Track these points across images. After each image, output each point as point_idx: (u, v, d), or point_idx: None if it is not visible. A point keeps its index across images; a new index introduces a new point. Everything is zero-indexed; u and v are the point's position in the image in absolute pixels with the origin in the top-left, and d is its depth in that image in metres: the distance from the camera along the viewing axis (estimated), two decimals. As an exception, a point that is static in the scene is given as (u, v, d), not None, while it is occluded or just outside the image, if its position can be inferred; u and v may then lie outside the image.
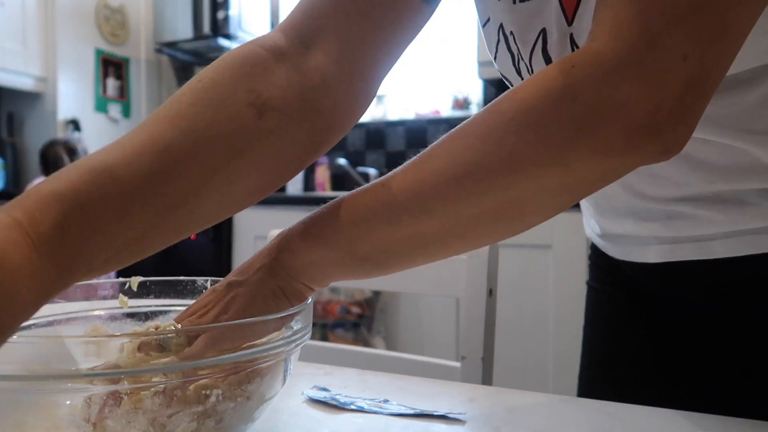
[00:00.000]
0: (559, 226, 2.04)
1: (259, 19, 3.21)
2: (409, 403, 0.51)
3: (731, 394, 0.55)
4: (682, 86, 0.35)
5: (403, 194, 0.40)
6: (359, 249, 0.42)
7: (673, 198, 0.54)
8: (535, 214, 0.40)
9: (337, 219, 0.42)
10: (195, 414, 0.37)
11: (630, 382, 0.65)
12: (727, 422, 0.47)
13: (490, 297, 0.79)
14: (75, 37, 3.14)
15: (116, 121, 3.39)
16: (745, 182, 0.50)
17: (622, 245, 0.62)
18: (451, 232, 0.41)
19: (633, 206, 0.58)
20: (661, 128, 0.35)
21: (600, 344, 0.70)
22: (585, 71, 0.36)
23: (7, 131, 3.08)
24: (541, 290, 2.07)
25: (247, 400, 0.40)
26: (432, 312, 2.27)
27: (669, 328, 0.60)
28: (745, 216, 0.51)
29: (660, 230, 0.56)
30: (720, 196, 0.52)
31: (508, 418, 0.49)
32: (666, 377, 0.61)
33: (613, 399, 0.53)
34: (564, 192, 0.39)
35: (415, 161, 0.41)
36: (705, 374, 0.57)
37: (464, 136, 0.40)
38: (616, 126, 0.35)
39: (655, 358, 0.62)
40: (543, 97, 0.37)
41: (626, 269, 0.63)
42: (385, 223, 0.41)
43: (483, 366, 0.78)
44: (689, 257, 0.55)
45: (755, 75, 0.46)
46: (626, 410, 0.50)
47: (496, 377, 0.81)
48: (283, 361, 0.42)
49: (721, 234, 0.52)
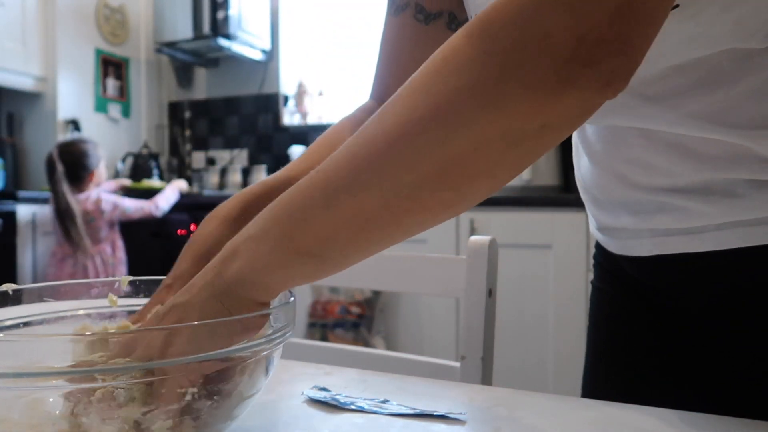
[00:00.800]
0: (559, 226, 2.04)
1: (259, 19, 3.21)
2: (409, 403, 0.51)
3: (734, 394, 0.55)
4: (612, 13, 0.33)
5: (336, 173, 0.38)
6: (299, 243, 0.38)
7: (664, 188, 0.54)
8: (482, 175, 0.37)
9: (273, 215, 0.40)
10: (170, 412, 0.37)
11: (633, 383, 0.65)
12: (729, 423, 0.47)
13: (489, 297, 0.79)
14: (75, 37, 3.14)
15: (116, 121, 3.39)
16: (735, 172, 0.50)
17: (618, 239, 0.62)
18: (394, 206, 0.37)
19: (627, 198, 0.58)
20: (593, 58, 0.33)
21: (603, 345, 0.70)
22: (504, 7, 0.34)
23: (6, 131, 3.08)
24: (541, 290, 2.07)
25: (225, 399, 0.39)
26: (432, 312, 2.27)
27: (671, 328, 0.60)
28: (735, 208, 0.51)
29: (652, 223, 0.57)
30: (710, 187, 0.52)
31: (508, 418, 0.49)
32: (669, 378, 0.61)
33: (617, 400, 0.53)
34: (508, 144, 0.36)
35: (347, 141, 0.39)
36: (707, 374, 0.57)
37: (390, 103, 0.38)
38: (543, 59, 0.33)
39: (658, 359, 0.62)
40: (465, 41, 0.35)
41: (625, 265, 0.63)
42: (323, 208, 0.38)
43: (483, 366, 0.78)
44: (680, 250, 0.55)
45: (737, 68, 0.47)
46: (626, 410, 0.50)
47: (496, 377, 0.81)
48: (264, 360, 0.41)
49: (712, 226, 0.53)
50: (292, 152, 3.18)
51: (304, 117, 3.34)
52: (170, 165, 3.64)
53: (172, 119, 3.67)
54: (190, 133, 3.61)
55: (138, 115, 3.52)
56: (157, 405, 0.36)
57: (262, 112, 3.42)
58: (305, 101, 3.32)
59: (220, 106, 3.55)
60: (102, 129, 3.25)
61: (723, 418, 0.47)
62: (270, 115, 3.41)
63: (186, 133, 3.61)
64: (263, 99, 3.40)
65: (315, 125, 3.30)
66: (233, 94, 3.50)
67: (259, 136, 3.44)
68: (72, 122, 3.09)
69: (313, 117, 3.33)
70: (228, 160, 3.49)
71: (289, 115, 3.40)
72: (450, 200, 0.38)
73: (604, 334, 0.70)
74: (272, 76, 3.36)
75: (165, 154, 3.65)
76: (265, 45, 3.26)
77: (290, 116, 3.40)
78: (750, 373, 0.54)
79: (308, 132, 3.31)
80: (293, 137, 3.34)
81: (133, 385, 0.36)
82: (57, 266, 2.46)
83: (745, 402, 0.54)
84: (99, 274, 2.44)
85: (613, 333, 0.68)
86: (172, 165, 3.65)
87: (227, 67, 3.48)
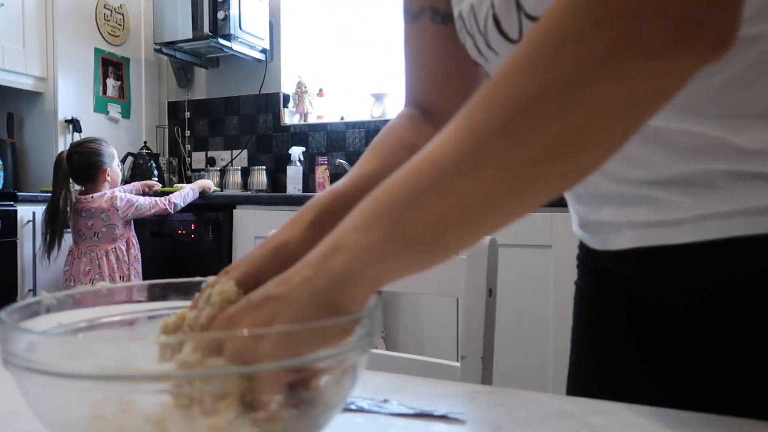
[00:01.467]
0: (559, 226, 2.04)
1: (259, 19, 3.21)
2: (409, 403, 0.51)
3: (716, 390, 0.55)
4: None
5: (447, 158, 0.36)
6: (409, 231, 0.37)
7: (644, 181, 0.55)
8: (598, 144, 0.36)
9: (377, 207, 0.38)
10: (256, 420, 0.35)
11: (616, 381, 0.65)
12: (717, 420, 0.47)
13: (489, 297, 0.80)
14: (75, 37, 3.14)
15: (116, 121, 3.39)
16: (714, 163, 0.50)
17: (600, 234, 0.62)
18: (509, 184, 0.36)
19: (608, 192, 0.58)
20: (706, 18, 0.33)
21: (586, 343, 0.70)
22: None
23: (6, 131, 3.08)
24: (541, 290, 2.07)
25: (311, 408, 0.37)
26: (432, 312, 2.27)
27: (653, 325, 0.61)
28: (713, 199, 0.51)
29: (633, 215, 0.57)
30: (689, 179, 0.52)
31: (508, 418, 0.49)
32: (652, 375, 0.61)
33: (599, 398, 0.53)
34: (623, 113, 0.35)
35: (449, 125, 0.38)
36: (690, 370, 0.57)
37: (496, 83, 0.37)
38: (658, 22, 0.33)
39: (640, 357, 0.63)
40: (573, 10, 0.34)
41: (606, 261, 0.64)
42: (434, 193, 0.36)
43: (483, 366, 0.78)
44: (660, 242, 0.55)
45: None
46: (626, 410, 0.50)
47: (496, 377, 0.82)
48: (350, 369, 0.39)
49: (690, 218, 0.53)
50: (292, 152, 3.18)
51: (304, 117, 3.34)
52: (170, 165, 3.64)
53: (172, 119, 3.67)
54: (190, 133, 3.62)
55: (138, 115, 3.52)
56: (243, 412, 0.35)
57: (262, 112, 3.42)
58: (305, 101, 3.32)
59: (219, 106, 3.55)
60: (102, 129, 3.24)
61: (712, 416, 0.48)
62: (270, 115, 3.41)
63: (186, 133, 3.62)
64: (263, 99, 3.40)
65: (315, 125, 3.30)
66: (233, 94, 3.50)
67: (259, 136, 3.44)
68: (72, 122, 3.09)
69: (313, 117, 3.33)
70: (228, 160, 3.49)
71: (289, 115, 3.40)
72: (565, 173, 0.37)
73: (587, 334, 0.70)
74: (272, 76, 3.36)
75: (165, 154, 3.65)
76: (264, 45, 3.26)
77: (290, 116, 3.40)
78: (732, 369, 0.54)
79: (308, 132, 3.31)
80: (293, 137, 3.34)
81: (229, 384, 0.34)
82: (72, 264, 2.47)
83: (726, 398, 0.54)
84: (114, 272, 2.45)
85: (596, 332, 0.69)
86: (171, 165, 3.65)
87: (227, 67, 3.48)
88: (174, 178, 3.62)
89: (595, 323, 0.69)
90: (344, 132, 3.21)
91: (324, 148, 3.26)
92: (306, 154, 3.26)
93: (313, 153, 3.27)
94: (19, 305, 0.42)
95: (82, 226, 2.47)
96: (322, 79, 3.37)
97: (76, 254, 2.48)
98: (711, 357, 0.55)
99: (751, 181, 0.49)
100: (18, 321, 0.41)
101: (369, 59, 3.25)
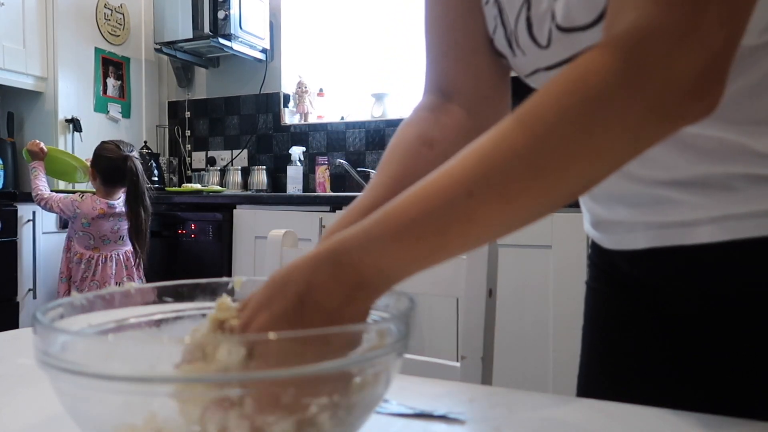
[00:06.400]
0: (559, 226, 2.04)
1: (259, 19, 3.21)
2: (409, 403, 0.51)
3: (728, 391, 0.55)
4: (720, 50, 0.37)
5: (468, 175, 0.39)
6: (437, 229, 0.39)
7: (661, 181, 0.55)
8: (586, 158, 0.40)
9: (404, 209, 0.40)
10: (296, 422, 0.35)
11: (627, 382, 0.65)
12: (728, 423, 0.47)
13: (489, 297, 0.79)
14: (75, 36, 3.13)
15: (116, 121, 3.39)
16: (732, 166, 0.51)
17: (613, 233, 0.62)
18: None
19: (624, 191, 0.58)
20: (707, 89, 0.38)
21: (597, 344, 0.70)
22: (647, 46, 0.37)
23: (6, 131, 3.08)
24: (541, 290, 2.07)
25: (348, 411, 0.38)
26: (432, 312, 2.27)
27: (665, 326, 0.60)
28: (730, 201, 0.51)
29: (648, 215, 0.57)
30: (707, 180, 0.52)
31: (508, 418, 0.49)
32: (664, 376, 0.61)
33: (611, 399, 0.53)
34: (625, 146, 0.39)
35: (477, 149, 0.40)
36: (701, 371, 0.57)
37: (532, 109, 0.39)
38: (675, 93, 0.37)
39: (652, 357, 0.62)
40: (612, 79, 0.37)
41: (619, 261, 0.64)
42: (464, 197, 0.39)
43: (483, 366, 0.78)
44: (675, 242, 0.56)
45: (733, 66, 0.47)
46: (626, 410, 0.50)
47: (496, 377, 0.82)
48: (384, 371, 0.39)
49: (706, 219, 0.53)
50: (292, 152, 3.18)
51: (304, 117, 3.34)
52: (170, 165, 3.65)
53: (172, 119, 3.67)
54: (190, 132, 3.62)
55: (138, 114, 3.52)
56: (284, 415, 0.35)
57: (262, 112, 3.42)
58: (306, 101, 3.32)
59: (220, 106, 3.55)
60: (102, 129, 3.24)
61: (721, 418, 0.47)
62: (270, 115, 3.40)
63: (186, 133, 3.62)
64: (263, 99, 3.40)
65: (315, 125, 3.30)
66: (233, 94, 3.50)
67: (259, 136, 3.44)
68: (72, 122, 3.09)
69: (313, 117, 3.33)
70: (228, 160, 3.49)
71: (290, 115, 3.40)
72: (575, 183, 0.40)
73: (598, 333, 0.70)
74: (272, 76, 3.36)
75: (165, 154, 3.65)
76: (265, 45, 3.26)
77: (290, 116, 3.40)
78: (746, 370, 0.54)
79: (308, 132, 3.31)
80: (293, 137, 3.34)
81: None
82: (85, 264, 2.47)
83: (738, 398, 0.54)
84: (122, 273, 2.47)
85: (607, 332, 0.68)
86: (172, 165, 3.65)
87: (227, 67, 3.48)
88: (174, 177, 3.62)
89: (608, 323, 0.68)
90: (344, 132, 3.21)
91: (324, 148, 3.26)
92: (306, 154, 3.26)
93: (313, 153, 3.27)
94: (51, 305, 0.42)
95: (107, 230, 2.47)
96: (322, 79, 3.37)
97: (87, 256, 2.46)
98: (725, 358, 0.55)
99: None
100: (51, 322, 0.41)
101: (369, 59, 3.25)
